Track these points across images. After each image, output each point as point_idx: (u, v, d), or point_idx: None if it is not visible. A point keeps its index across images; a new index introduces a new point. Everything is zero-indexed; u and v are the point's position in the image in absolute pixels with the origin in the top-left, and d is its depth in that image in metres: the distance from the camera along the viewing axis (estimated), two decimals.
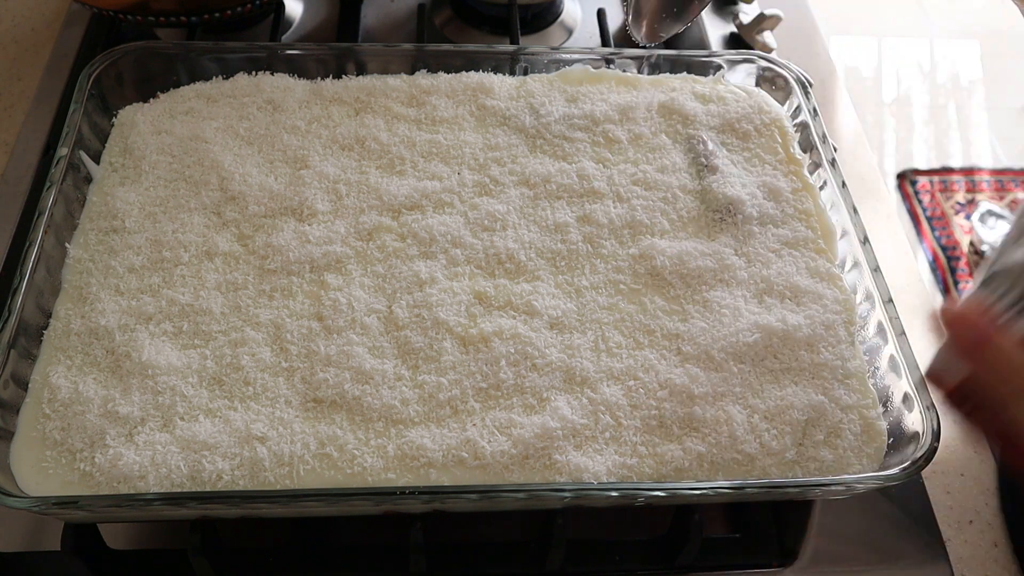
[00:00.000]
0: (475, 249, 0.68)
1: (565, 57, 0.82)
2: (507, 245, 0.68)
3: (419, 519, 0.60)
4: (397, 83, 0.79)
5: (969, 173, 2.47)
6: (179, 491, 0.55)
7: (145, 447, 0.56)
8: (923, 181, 2.43)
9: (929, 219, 2.35)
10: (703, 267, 0.68)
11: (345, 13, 1.02)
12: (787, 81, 0.80)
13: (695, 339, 0.64)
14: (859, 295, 0.68)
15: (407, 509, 0.58)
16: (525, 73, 0.82)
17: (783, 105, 0.81)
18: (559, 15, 1.05)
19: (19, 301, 0.60)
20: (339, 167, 0.73)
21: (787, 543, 0.65)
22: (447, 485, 0.56)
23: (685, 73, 0.83)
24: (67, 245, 0.66)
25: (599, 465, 0.57)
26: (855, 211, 0.70)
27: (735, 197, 0.72)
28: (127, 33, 0.97)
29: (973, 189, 2.43)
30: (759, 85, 0.82)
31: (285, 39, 0.99)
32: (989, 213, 2.32)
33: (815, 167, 0.75)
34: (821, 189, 0.74)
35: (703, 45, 1.01)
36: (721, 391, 0.61)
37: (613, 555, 0.64)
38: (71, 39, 0.97)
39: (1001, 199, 2.39)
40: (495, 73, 0.81)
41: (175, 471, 0.55)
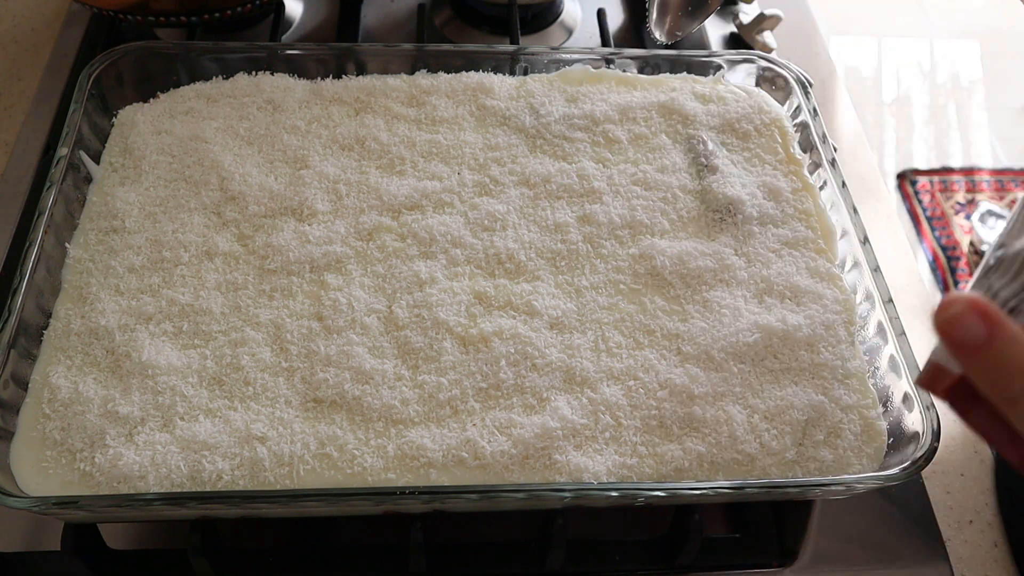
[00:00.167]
0: (475, 249, 0.68)
1: (565, 57, 0.82)
2: (507, 245, 0.68)
3: (419, 519, 0.60)
4: (397, 83, 0.79)
5: (969, 173, 2.47)
6: (179, 491, 0.55)
7: (145, 447, 0.56)
8: (923, 181, 2.43)
9: (929, 219, 2.35)
10: (703, 267, 0.68)
11: (345, 13, 1.02)
12: (787, 81, 0.80)
13: (695, 339, 0.64)
14: (859, 295, 0.68)
15: (407, 509, 0.58)
16: (525, 73, 0.82)
17: (783, 105, 0.81)
18: (559, 15, 1.05)
19: (19, 301, 0.60)
20: (339, 167, 0.73)
21: (787, 543, 0.65)
22: (447, 485, 0.56)
23: (685, 73, 0.83)
24: (67, 245, 0.66)
25: (599, 465, 0.57)
26: (855, 211, 0.70)
27: (735, 197, 0.72)
28: (127, 33, 0.97)
29: (973, 189, 2.42)
30: (759, 85, 0.82)
31: (285, 39, 0.99)
32: (989, 213, 2.32)
33: (815, 167, 0.75)
34: (821, 189, 0.74)
35: (703, 45, 1.01)
36: (721, 391, 0.61)
37: (613, 555, 0.64)
38: (71, 39, 0.97)
39: (1001, 199, 2.39)
40: (495, 73, 0.81)
41: (175, 471, 0.55)
